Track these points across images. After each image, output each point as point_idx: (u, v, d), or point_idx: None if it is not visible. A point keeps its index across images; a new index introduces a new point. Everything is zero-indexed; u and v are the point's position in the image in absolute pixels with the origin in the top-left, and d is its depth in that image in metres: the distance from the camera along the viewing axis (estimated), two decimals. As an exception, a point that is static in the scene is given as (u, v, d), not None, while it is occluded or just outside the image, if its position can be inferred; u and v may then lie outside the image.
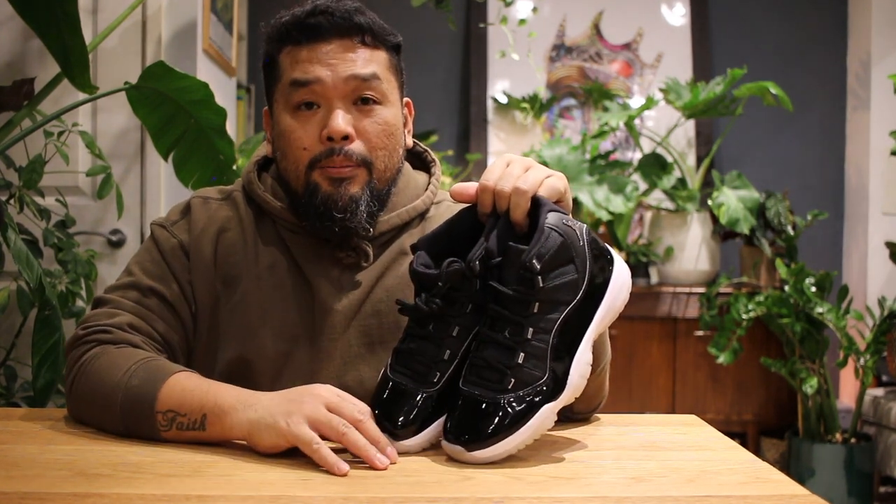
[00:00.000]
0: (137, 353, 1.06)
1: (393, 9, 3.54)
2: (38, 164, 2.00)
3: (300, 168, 1.13)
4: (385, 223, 1.18)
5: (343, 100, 1.12)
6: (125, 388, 1.00)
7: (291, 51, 1.14)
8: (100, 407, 1.02)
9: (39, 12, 1.75)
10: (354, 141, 1.12)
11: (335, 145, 1.11)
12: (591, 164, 3.40)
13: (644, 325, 3.38)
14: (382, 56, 1.15)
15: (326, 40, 1.12)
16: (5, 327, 2.15)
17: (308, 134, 1.12)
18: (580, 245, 0.93)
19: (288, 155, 1.15)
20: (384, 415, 0.94)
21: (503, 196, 0.96)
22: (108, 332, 1.09)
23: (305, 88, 1.12)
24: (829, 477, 3.02)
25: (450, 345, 0.94)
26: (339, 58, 1.12)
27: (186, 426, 0.97)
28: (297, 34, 1.13)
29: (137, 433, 1.00)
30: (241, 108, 3.32)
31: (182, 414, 0.97)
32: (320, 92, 1.11)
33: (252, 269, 1.17)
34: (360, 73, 1.11)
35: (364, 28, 1.13)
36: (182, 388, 0.99)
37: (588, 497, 0.80)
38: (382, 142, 1.14)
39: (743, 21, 3.94)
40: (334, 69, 1.11)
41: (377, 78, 1.13)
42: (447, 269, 0.93)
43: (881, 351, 3.03)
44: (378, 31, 1.14)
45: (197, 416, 0.97)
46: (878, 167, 3.69)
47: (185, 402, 0.98)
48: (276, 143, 1.18)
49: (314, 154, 1.12)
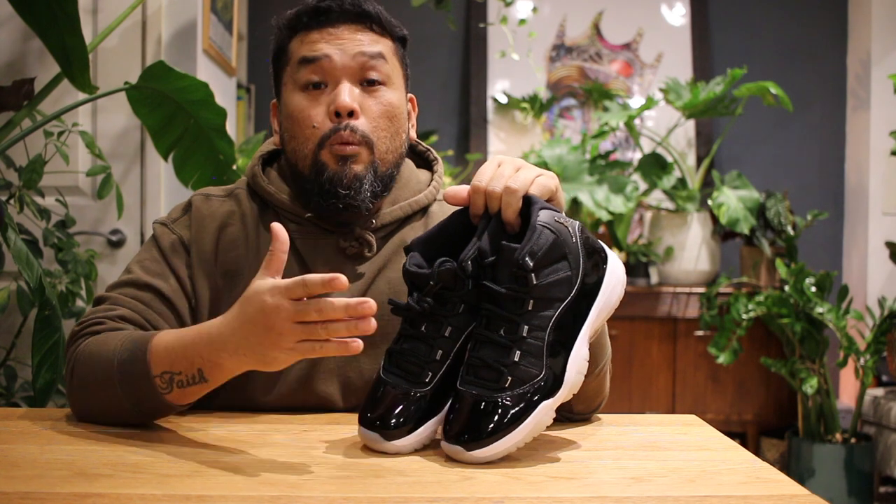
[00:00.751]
0: (122, 332, 1.07)
1: (393, 9, 3.52)
2: (38, 164, 2.00)
3: (309, 146, 1.15)
4: (387, 215, 1.20)
5: (350, 77, 1.15)
6: (119, 363, 1.01)
7: (302, 36, 1.17)
8: (100, 390, 1.03)
9: (39, 12, 1.75)
10: (359, 118, 1.14)
11: (342, 122, 1.13)
12: (591, 164, 3.40)
13: (644, 325, 3.38)
14: (389, 43, 1.19)
15: (335, 24, 1.16)
16: (5, 327, 2.16)
17: (317, 112, 1.15)
18: (573, 242, 0.93)
19: (297, 135, 1.16)
20: (377, 415, 0.94)
21: (494, 196, 0.96)
22: (101, 322, 1.11)
23: (314, 65, 1.15)
24: (829, 477, 3.02)
25: (442, 345, 0.94)
26: (348, 38, 1.16)
27: (186, 383, 0.98)
28: (308, 19, 1.17)
29: (144, 405, 1.00)
30: (241, 108, 3.32)
31: (177, 372, 0.97)
32: (328, 68, 1.14)
33: (254, 263, 1.17)
34: (367, 51, 1.15)
35: (373, 16, 1.17)
36: (165, 347, 0.99)
37: (588, 497, 0.80)
38: (385, 122, 1.16)
39: (743, 21, 3.94)
40: (342, 47, 1.15)
41: (383, 57, 1.16)
42: (439, 269, 0.93)
43: (881, 351, 3.03)
44: (386, 21, 1.19)
45: (192, 370, 0.97)
46: (878, 167, 3.69)
47: (176, 360, 0.97)
48: (285, 126, 1.19)
49: (324, 132, 1.14)
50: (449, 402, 0.95)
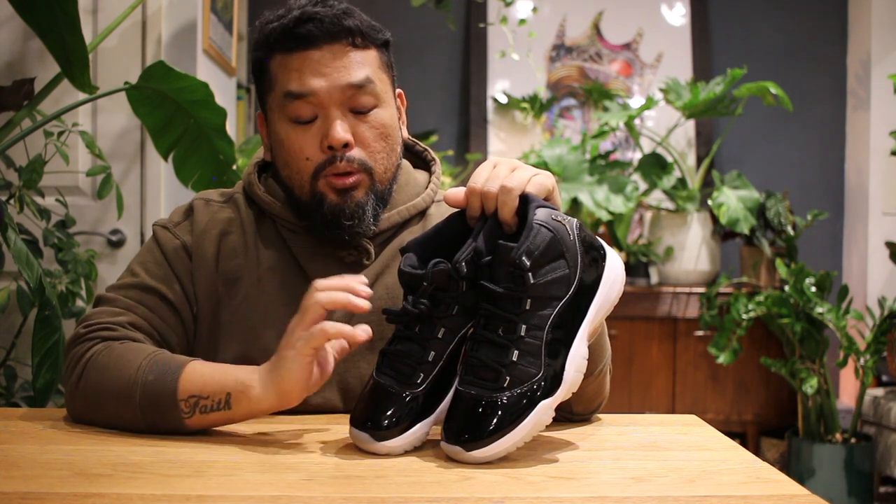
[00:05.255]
0: (143, 347, 1.06)
1: (393, 9, 3.54)
2: (38, 164, 2.00)
3: (304, 178, 1.14)
4: (385, 220, 1.19)
5: (340, 107, 1.12)
6: (142, 385, 1.00)
7: (282, 59, 1.13)
8: (114, 405, 1.02)
9: (39, 12, 1.75)
10: (353, 148, 1.12)
11: (336, 153, 1.11)
12: (591, 164, 3.40)
13: (644, 325, 3.38)
14: (373, 56, 1.15)
15: (317, 47, 1.11)
16: (5, 327, 2.15)
17: (308, 144, 1.12)
18: (570, 240, 0.93)
19: (290, 165, 1.15)
20: (368, 416, 0.94)
21: (490, 196, 0.96)
22: (111, 329, 1.10)
23: (301, 101, 1.11)
24: (829, 477, 3.02)
25: (435, 346, 0.94)
26: (332, 66, 1.11)
27: (210, 408, 0.98)
28: (287, 42, 1.12)
29: (159, 426, 1.00)
30: (241, 108, 3.32)
31: (204, 397, 0.98)
32: (316, 103, 1.11)
33: (253, 272, 1.17)
34: (354, 81, 1.11)
35: (353, 31, 1.12)
36: (201, 373, 1.00)
37: (588, 497, 0.80)
38: (381, 145, 1.14)
39: (743, 21, 3.94)
40: (328, 78, 1.10)
41: (371, 81, 1.12)
42: (433, 269, 0.93)
43: (881, 351, 3.03)
44: (367, 32, 1.14)
45: (220, 396, 0.98)
46: (878, 167, 3.69)
47: (207, 385, 0.99)
48: (276, 151, 1.18)
49: (317, 163, 1.12)
50: (441, 403, 0.95)
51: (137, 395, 1.00)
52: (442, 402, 0.95)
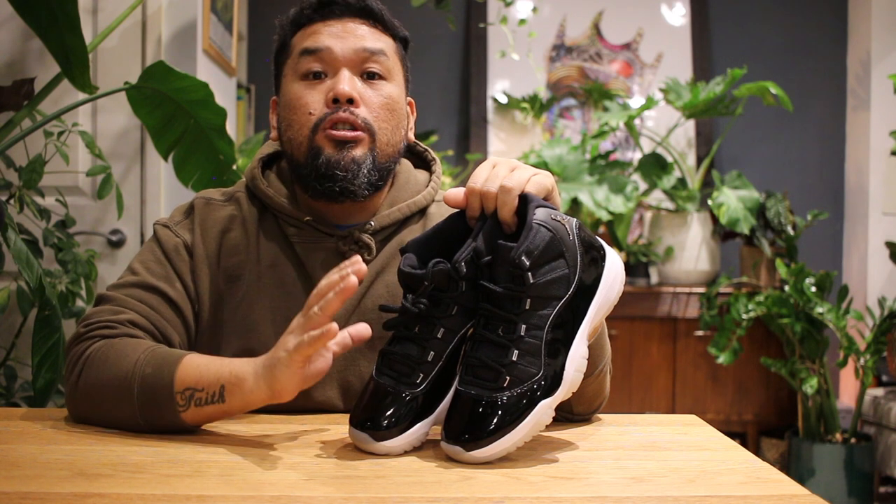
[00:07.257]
0: (141, 342, 1.06)
1: (393, 9, 3.53)
2: (38, 164, 2.00)
3: (304, 132, 1.15)
4: (386, 217, 1.19)
5: (351, 68, 1.15)
6: (140, 378, 1.00)
7: (304, 30, 1.18)
8: (112, 400, 1.02)
9: (39, 12, 1.75)
10: (360, 106, 1.14)
11: (341, 107, 1.13)
12: (591, 164, 3.40)
13: (644, 325, 3.38)
14: (391, 42, 1.20)
15: (339, 18, 1.17)
16: (5, 327, 2.16)
17: (315, 100, 1.15)
18: (570, 239, 0.93)
19: (293, 123, 1.16)
20: (367, 416, 0.94)
21: (490, 196, 0.96)
22: (112, 327, 1.10)
23: (314, 56, 1.15)
24: (829, 477, 3.02)
25: (434, 346, 0.94)
26: (350, 32, 1.16)
27: (205, 401, 0.98)
28: (311, 13, 1.18)
29: (156, 421, 1.00)
30: (241, 108, 3.32)
31: (199, 389, 0.98)
32: (328, 60, 1.15)
33: (255, 268, 1.17)
34: (368, 47, 1.16)
35: (376, 14, 1.18)
36: (197, 366, 1.00)
37: (588, 497, 0.80)
38: (386, 114, 1.16)
39: (743, 21, 3.94)
40: (344, 40, 1.16)
41: (384, 54, 1.17)
42: (433, 269, 0.93)
43: (881, 351, 3.03)
44: (388, 21, 1.20)
45: (215, 388, 0.97)
46: (878, 167, 3.69)
47: (202, 377, 0.98)
48: (282, 116, 1.19)
49: (319, 116, 1.14)
50: (441, 403, 0.95)
51: (136, 389, 1.00)
52: (442, 402, 0.95)
